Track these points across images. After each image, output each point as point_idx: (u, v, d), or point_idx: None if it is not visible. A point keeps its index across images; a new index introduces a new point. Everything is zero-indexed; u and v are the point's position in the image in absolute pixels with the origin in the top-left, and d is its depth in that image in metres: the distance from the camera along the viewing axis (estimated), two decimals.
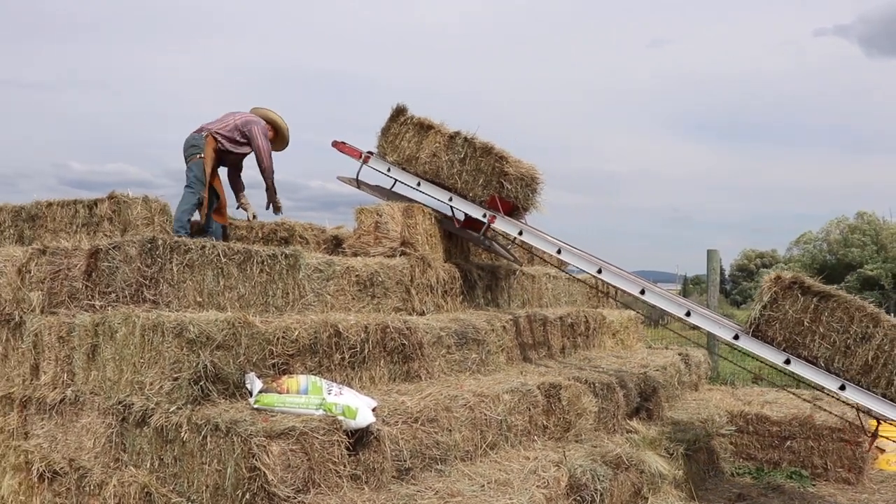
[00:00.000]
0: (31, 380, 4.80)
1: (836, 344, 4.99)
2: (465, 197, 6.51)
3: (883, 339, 4.88)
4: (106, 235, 4.98)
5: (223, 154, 6.59)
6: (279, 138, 6.91)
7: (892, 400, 4.89)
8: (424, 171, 6.74)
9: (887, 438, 6.90)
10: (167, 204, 5.08)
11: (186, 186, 6.40)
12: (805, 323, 5.05)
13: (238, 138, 6.60)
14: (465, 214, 6.59)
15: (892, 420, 5.01)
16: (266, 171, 6.71)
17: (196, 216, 6.29)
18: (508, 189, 6.30)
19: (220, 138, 6.51)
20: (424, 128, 6.85)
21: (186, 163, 6.47)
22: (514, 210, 6.53)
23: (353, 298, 5.30)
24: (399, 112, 7.02)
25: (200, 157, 6.44)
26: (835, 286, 5.33)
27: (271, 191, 6.83)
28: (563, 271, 8.27)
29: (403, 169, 6.90)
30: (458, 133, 6.61)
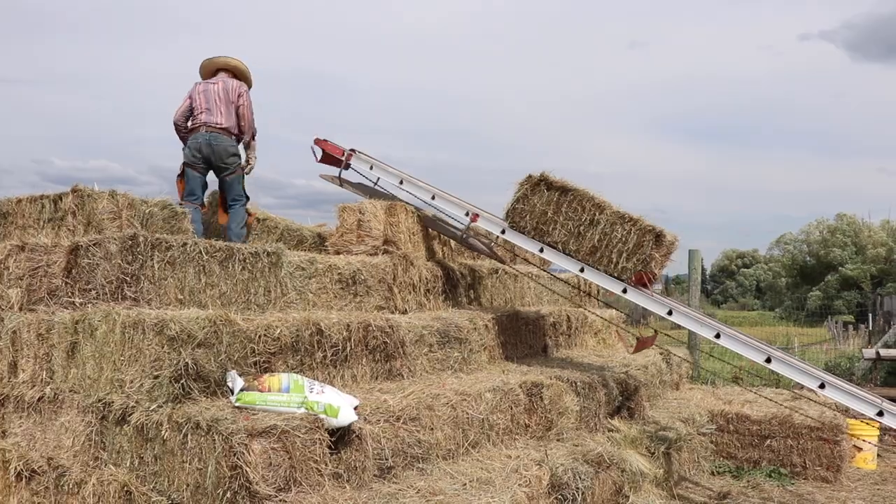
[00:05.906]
0: (9, 378, 4.74)
1: (571, 230, 5.73)
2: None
3: (605, 224, 5.61)
4: (69, 230, 4.92)
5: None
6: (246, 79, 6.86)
7: (610, 275, 5.65)
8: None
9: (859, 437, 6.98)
10: (136, 198, 5.00)
11: (234, 201, 6.56)
12: (549, 214, 5.81)
13: (244, 126, 6.64)
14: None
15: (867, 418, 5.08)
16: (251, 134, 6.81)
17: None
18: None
19: (243, 136, 6.67)
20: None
21: (224, 171, 6.50)
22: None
23: (336, 296, 5.28)
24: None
25: (242, 171, 6.62)
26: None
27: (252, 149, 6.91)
28: (545, 271, 8.29)
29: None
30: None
